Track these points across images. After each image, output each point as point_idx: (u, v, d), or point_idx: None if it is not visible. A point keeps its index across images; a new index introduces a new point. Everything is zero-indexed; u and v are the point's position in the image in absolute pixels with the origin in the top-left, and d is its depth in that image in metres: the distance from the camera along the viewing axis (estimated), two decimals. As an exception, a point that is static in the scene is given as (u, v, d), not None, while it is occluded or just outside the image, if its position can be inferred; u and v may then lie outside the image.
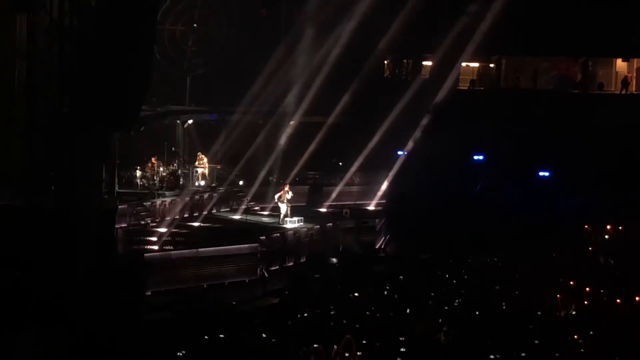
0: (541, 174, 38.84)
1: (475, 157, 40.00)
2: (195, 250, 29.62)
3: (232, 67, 42.24)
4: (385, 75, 44.96)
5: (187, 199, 36.09)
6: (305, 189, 40.31)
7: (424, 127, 40.47)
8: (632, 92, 42.16)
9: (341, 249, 34.10)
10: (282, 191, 35.13)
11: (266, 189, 38.10)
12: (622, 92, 41.75)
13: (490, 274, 28.95)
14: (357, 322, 22.29)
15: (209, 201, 37.18)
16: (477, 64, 44.90)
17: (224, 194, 38.27)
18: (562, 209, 36.20)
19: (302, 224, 34.50)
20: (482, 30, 39.39)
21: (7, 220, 25.95)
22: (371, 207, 40.25)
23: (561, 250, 31.63)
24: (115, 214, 29.02)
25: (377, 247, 36.00)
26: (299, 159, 40.18)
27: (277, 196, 35.22)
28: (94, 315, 23.09)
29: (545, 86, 43.20)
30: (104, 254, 26.63)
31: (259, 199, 38.26)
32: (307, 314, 23.57)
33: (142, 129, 36.82)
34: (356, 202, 40.77)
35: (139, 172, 37.84)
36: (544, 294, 25.26)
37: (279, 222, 34.76)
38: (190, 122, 42.32)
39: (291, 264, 32.32)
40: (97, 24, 26.31)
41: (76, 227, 25.99)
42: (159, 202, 35.30)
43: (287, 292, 28.45)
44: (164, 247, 30.94)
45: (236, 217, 36.85)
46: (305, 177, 41.90)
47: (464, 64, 43.10)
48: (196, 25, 43.59)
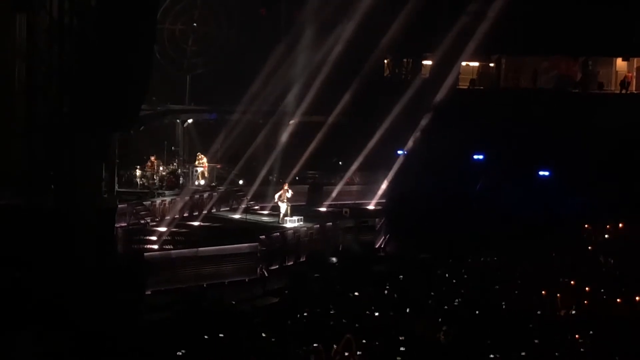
0: (541, 173, 38.81)
1: (475, 156, 39.98)
2: (195, 249, 29.65)
3: (232, 67, 42.23)
4: (385, 74, 44.94)
5: (187, 198, 36.11)
6: (305, 188, 40.33)
7: (424, 127, 40.48)
8: (632, 92, 42.15)
9: (341, 249, 34.11)
10: (282, 190, 35.15)
11: (266, 189, 38.13)
12: (622, 92, 41.77)
13: (490, 274, 28.90)
14: (357, 322, 22.26)
15: (209, 200, 37.20)
16: (477, 63, 44.85)
17: (223, 193, 38.28)
18: (562, 209, 36.15)
19: (301, 223, 34.52)
20: (482, 29, 39.40)
21: (7, 219, 25.92)
22: (371, 207, 40.26)
23: (561, 250, 31.60)
24: (115, 213, 28.98)
25: (376, 246, 36.00)
26: (299, 159, 40.18)
27: (277, 196, 35.25)
28: (94, 315, 23.08)
29: (545, 85, 43.11)
30: (104, 254, 26.60)
31: (259, 198, 38.29)
32: (306, 314, 23.53)
33: (141, 129, 36.87)
34: (356, 202, 40.78)
35: (138, 172, 37.86)
36: (543, 294, 25.25)
37: (278, 222, 34.77)
38: (190, 121, 42.31)
39: (291, 263, 32.33)
40: (97, 24, 26.28)
41: (76, 226, 25.96)
42: (158, 201, 35.33)
43: (286, 291, 28.47)
44: (164, 247, 30.96)
45: (236, 216, 36.87)
46: (305, 176, 41.92)
47: (463, 64, 43.08)
48: (196, 24, 43.57)
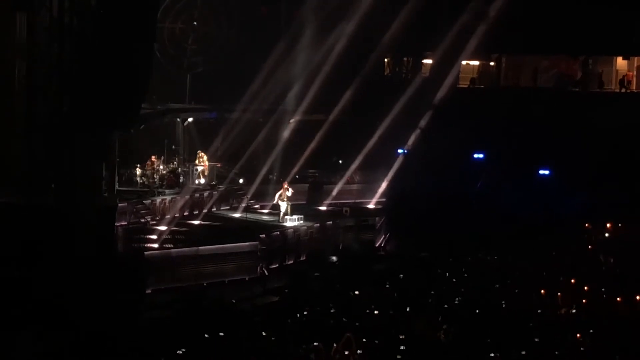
0: (541, 172, 38.79)
1: (475, 155, 39.96)
2: (195, 248, 29.66)
3: (232, 66, 42.17)
4: (385, 73, 44.97)
5: (187, 197, 36.08)
6: (305, 187, 40.30)
7: (424, 126, 40.46)
8: (632, 91, 42.15)
9: (341, 248, 34.09)
10: (282, 189, 35.14)
11: (266, 187, 38.12)
12: (622, 91, 41.77)
13: (490, 273, 28.91)
14: (357, 321, 22.26)
15: (209, 199, 37.19)
16: (477, 62, 44.86)
17: (224, 192, 38.27)
18: (562, 208, 36.13)
19: (302, 222, 34.52)
20: (482, 28, 39.40)
21: (7, 218, 25.92)
22: (371, 206, 40.24)
23: (561, 249, 31.60)
24: (115, 212, 28.99)
25: (377, 245, 36.01)
26: (299, 157, 40.16)
27: (277, 195, 35.25)
28: (94, 314, 23.09)
29: (545, 84, 43.14)
30: (104, 252, 26.61)
31: (259, 197, 38.28)
32: (307, 312, 23.53)
33: (142, 127, 36.79)
34: (356, 201, 40.75)
35: (139, 170, 37.82)
36: (543, 293, 25.25)
37: (279, 221, 34.78)
38: (190, 120, 42.25)
39: (291, 262, 32.33)
40: (97, 23, 26.28)
41: (76, 225, 25.98)
42: (159, 200, 35.31)
43: (287, 290, 28.46)
44: (164, 245, 30.97)
45: (236, 215, 36.86)
46: (305, 175, 41.89)
47: (464, 62, 43.08)
48: (196, 23, 43.52)
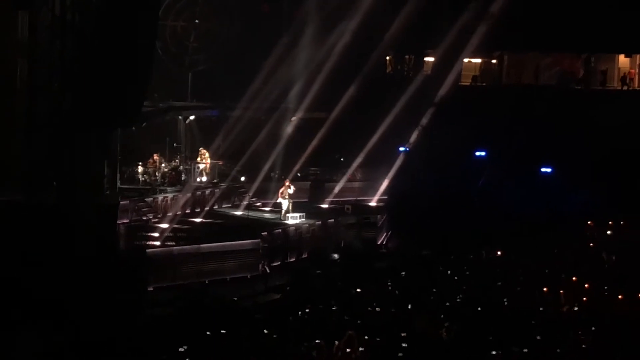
0: (543, 170, 38.74)
1: (477, 153, 39.92)
2: (197, 246, 29.69)
3: (234, 63, 42.15)
4: (387, 71, 44.94)
5: (189, 194, 36.10)
6: (307, 184, 40.32)
7: (426, 123, 40.44)
8: (635, 89, 42.09)
9: (343, 245, 34.07)
10: (284, 187, 35.14)
11: (268, 185, 38.11)
12: (623, 89, 41.73)
13: (492, 270, 28.92)
14: (359, 318, 22.28)
15: (211, 197, 37.21)
16: (479, 60, 44.81)
17: (225, 189, 38.28)
18: (564, 206, 36.10)
19: (303, 219, 34.52)
20: (484, 26, 39.35)
21: (8, 216, 25.88)
22: (373, 203, 40.25)
23: (563, 246, 31.59)
24: (117, 210, 28.91)
25: (378, 243, 36.01)
26: (301, 155, 40.16)
27: (279, 192, 35.26)
28: (95, 313, 23.06)
29: (547, 82, 43.10)
30: (106, 250, 26.59)
31: (261, 194, 38.28)
32: (308, 310, 23.55)
33: (144, 125, 36.82)
34: (358, 198, 40.77)
35: (140, 168, 37.86)
36: (546, 291, 25.24)
37: (280, 218, 34.78)
38: (192, 118, 42.29)
39: (293, 260, 32.32)
40: (99, 21, 26.25)
41: (78, 223, 25.92)
42: (160, 197, 35.34)
43: (288, 288, 28.47)
44: (166, 243, 30.96)
45: (238, 213, 36.87)
46: (307, 173, 41.91)
47: (465, 60, 43.04)
48: (198, 21, 43.50)
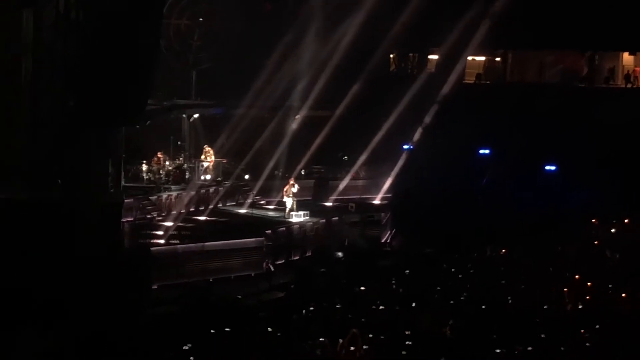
0: (547, 168, 38.73)
1: (480, 151, 39.92)
2: (201, 244, 29.71)
3: (238, 62, 42.14)
4: (391, 69, 44.98)
5: (193, 193, 36.13)
6: (311, 183, 40.29)
7: (430, 121, 40.45)
8: (639, 87, 42.04)
9: (347, 243, 34.06)
10: (288, 185, 35.16)
11: (272, 183, 38.14)
12: (627, 87, 41.72)
13: (495, 269, 28.93)
14: (363, 316, 22.32)
15: (215, 195, 37.23)
16: (483, 58, 44.81)
17: (229, 188, 38.29)
18: (568, 204, 36.07)
19: (307, 218, 34.51)
20: (487, 24, 39.33)
21: (12, 214, 25.94)
22: (377, 201, 40.22)
23: (567, 244, 31.58)
24: (121, 208, 28.97)
25: (382, 241, 36.02)
26: (305, 153, 40.17)
27: (283, 190, 35.28)
28: (97, 312, 23.09)
29: (551, 80, 43.08)
30: (110, 248, 26.65)
31: (265, 193, 38.30)
32: (312, 308, 23.60)
33: (148, 123, 36.80)
34: (362, 196, 40.72)
35: (145, 166, 37.90)
36: (550, 289, 25.25)
37: (284, 216, 34.79)
38: (196, 116, 42.32)
39: (297, 258, 32.32)
40: (103, 19, 26.29)
41: (82, 221, 25.99)
42: (165, 196, 35.36)
43: (292, 286, 28.52)
44: (170, 241, 31.02)
45: (242, 211, 36.88)
46: (311, 171, 41.92)
47: (469, 58, 43.05)
48: (202, 19, 43.50)
